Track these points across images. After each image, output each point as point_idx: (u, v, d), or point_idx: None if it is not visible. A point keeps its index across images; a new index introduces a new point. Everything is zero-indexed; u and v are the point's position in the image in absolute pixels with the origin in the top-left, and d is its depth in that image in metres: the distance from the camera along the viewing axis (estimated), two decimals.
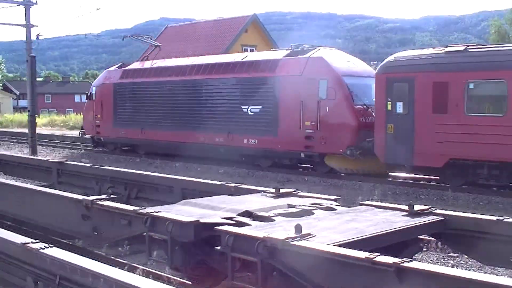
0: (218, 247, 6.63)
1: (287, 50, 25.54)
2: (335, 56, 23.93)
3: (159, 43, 35.66)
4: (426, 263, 6.87)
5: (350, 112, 22.05)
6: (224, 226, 6.78)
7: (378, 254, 5.62)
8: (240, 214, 7.62)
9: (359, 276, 5.66)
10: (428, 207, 8.05)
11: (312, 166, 24.46)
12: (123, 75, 32.26)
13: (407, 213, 7.82)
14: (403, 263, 5.37)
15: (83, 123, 36.76)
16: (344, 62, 23.79)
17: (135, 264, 9.53)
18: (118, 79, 32.46)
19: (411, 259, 5.54)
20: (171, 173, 16.65)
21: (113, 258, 9.97)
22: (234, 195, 9.32)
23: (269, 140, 24.14)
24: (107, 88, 32.89)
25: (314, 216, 7.71)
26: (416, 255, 8.41)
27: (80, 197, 9.40)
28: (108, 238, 9.13)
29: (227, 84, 26.24)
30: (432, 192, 19.12)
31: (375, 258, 5.52)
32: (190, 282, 8.28)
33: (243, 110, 25.26)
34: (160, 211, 7.68)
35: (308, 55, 23.72)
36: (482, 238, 7.54)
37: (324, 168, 23.21)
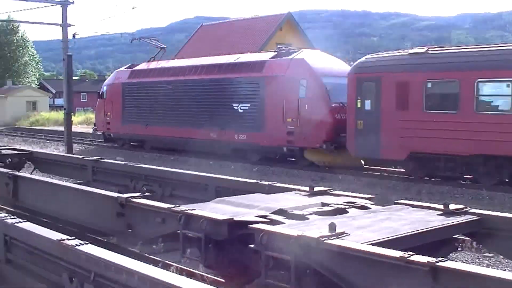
0: (251, 245, 6.62)
1: (274, 52, 27.75)
2: (316, 58, 26.02)
3: (195, 42, 36.13)
4: (461, 263, 6.78)
5: (326, 110, 23.93)
6: (258, 224, 6.77)
7: (413, 253, 5.56)
8: (274, 213, 7.60)
9: (393, 275, 5.61)
10: (463, 206, 7.95)
11: (294, 160, 26.00)
12: (130, 75, 34.63)
13: (442, 212, 7.74)
14: (437, 262, 5.31)
15: (95, 120, 39.01)
16: (325, 63, 25.75)
17: (169, 262, 9.56)
18: (126, 79, 34.79)
19: (445, 259, 5.47)
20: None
21: (147, 255, 10.00)
22: (268, 194, 9.31)
23: (256, 136, 26.22)
24: (116, 88, 35.42)
25: (349, 215, 7.66)
26: (451, 254, 8.32)
27: (115, 194, 9.46)
28: (142, 236, 9.17)
29: (221, 84, 28.19)
30: (467, 191, 18.96)
31: (409, 257, 5.46)
32: (223, 280, 8.29)
33: (234, 107, 27.39)
34: (194, 209, 7.69)
35: (291, 56, 25.84)
36: None
37: (304, 161, 24.97)
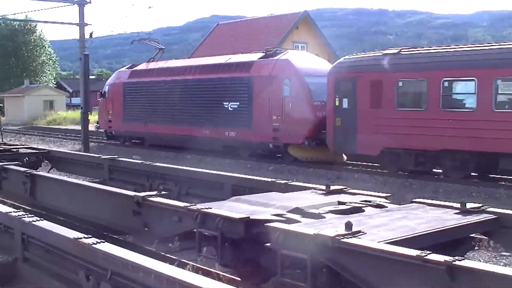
0: (268, 244, 6.62)
1: (262, 52, 28.89)
2: (300, 58, 27.39)
3: (211, 40, 36.34)
4: (478, 262, 6.75)
5: (308, 108, 25.30)
6: (274, 223, 6.76)
7: (430, 252, 5.53)
8: (290, 211, 7.59)
9: (409, 274, 5.59)
10: (480, 205, 7.91)
11: (280, 156, 27.26)
12: (130, 75, 36.19)
13: (459, 211, 7.69)
14: (454, 261, 5.28)
15: (98, 119, 40.91)
16: (308, 63, 26.99)
17: (185, 260, 9.59)
18: (127, 79, 36.38)
19: (463, 258, 5.45)
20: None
21: (163, 254, 10.04)
22: (284, 192, 9.30)
23: (245, 133, 27.64)
24: (117, 87, 36.93)
25: (365, 214, 7.64)
26: (468, 254, 8.28)
27: (131, 193, 9.48)
28: (158, 234, 9.19)
29: (213, 83, 29.60)
30: (484, 190, 18.86)
31: (426, 256, 5.43)
32: (239, 279, 8.30)
33: (225, 106, 28.84)
34: (211, 208, 7.70)
35: (277, 57, 27.19)
36: None
37: (289, 157, 26.17)
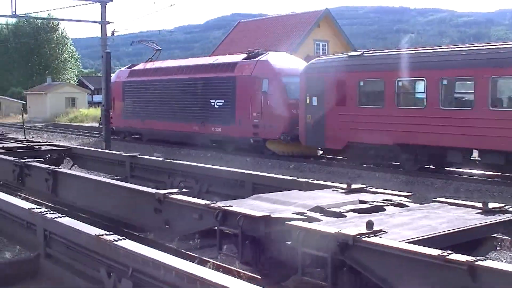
0: (288, 242, 6.62)
1: (245, 53, 30.62)
2: (279, 59, 29.03)
3: (232, 38, 36.49)
4: (500, 262, 6.70)
5: (284, 105, 27.04)
6: (295, 221, 6.76)
7: (451, 252, 5.51)
8: (311, 210, 7.58)
9: (431, 274, 5.57)
10: (503, 204, 7.86)
11: (261, 150, 28.57)
12: (130, 74, 38.06)
13: (481, 210, 7.65)
14: (476, 261, 5.26)
15: (101, 116, 41.66)
16: (286, 64, 28.67)
17: (205, 258, 9.60)
18: (126, 78, 38.31)
19: (485, 258, 5.42)
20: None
21: (183, 251, 10.05)
22: (305, 191, 9.29)
23: (229, 128, 29.50)
24: (117, 86, 38.21)
25: (386, 213, 7.61)
26: (490, 254, 8.23)
27: (153, 190, 9.52)
28: (179, 232, 9.22)
29: (201, 82, 31.55)
30: (506, 189, 18.70)
31: (448, 256, 5.42)
32: (259, 277, 8.29)
33: (211, 103, 30.72)
34: (231, 206, 7.72)
35: (258, 58, 28.94)
36: None
37: (268, 151, 27.95)
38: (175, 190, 9.38)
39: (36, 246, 8.04)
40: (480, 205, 7.78)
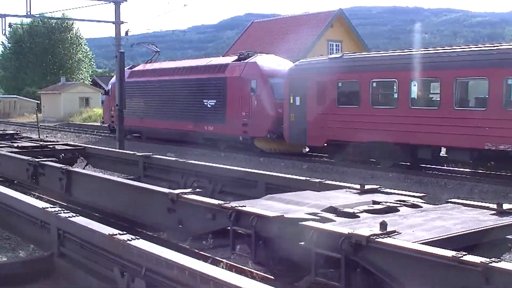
0: (302, 243, 6.61)
1: (236, 56, 32.37)
2: (267, 61, 30.36)
3: (245, 38, 36.87)
4: None
5: (270, 105, 28.53)
6: (308, 222, 6.74)
7: (465, 253, 5.48)
8: (324, 210, 7.57)
9: (445, 275, 5.54)
10: None
11: (248, 148, 29.97)
12: (129, 75, 38.63)
13: (495, 212, 7.60)
14: (491, 263, 5.22)
15: (103, 114, 46.20)
16: (274, 65, 30.05)
17: (218, 258, 9.59)
18: (126, 78, 37.78)
19: (499, 259, 5.38)
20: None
21: (196, 251, 10.05)
22: (318, 191, 9.27)
23: (220, 127, 31.14)
24: None
25: (400, 213, 7.58)
26: (504, 255, 8.18)
27: (166, 190, 9.52)
28: (192, 231, 9.22)
29: (195, 83, 33.24)
30: None
31: (462, 257, 5.39)
32: (272, 277, 8.28)
33: (204, 103, 32.45)
34: (245, 206, 7.71)
35: (247, 60, 30.51)
36: None
37: (255, 149, 29.27)
38: (189, 190, 9.39)
39: (50, 245, 8.05)
40: (495, 206, 7.72)
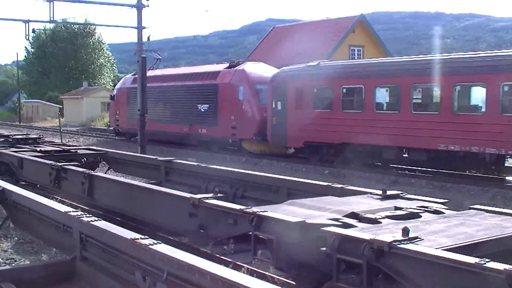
0: (323, 248, 6.59)
1: (227, 63, 34.89)
2: (255, 69, 32.65)
3: (267, 44, 37.06)
4: None
5: (256, 109, 30.80)
6: (330, 227, 6.73)
7: (488, 260, 5.44)
8: (346, 216, 7.54)
9: (467, 282, 5.50)
10: None
11: (237, 149, 32.14)
12: (133, 81, 40.33)
13: None
14: None
15: (109, 118, 49.04)
16: (261, 72, 32.22)
17: (239, 263, 9.59)
18: (130, 84, 42.10)
19: None
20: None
21: (218, 256, 10.05)
22: (340, 196, 9.25)
23: (213, 130, 33.44)
24: (123, 91, 43.69)
25: (422, 219, 7.53)
26: None
27: (188, 195, 9.55)
28: (213, 236, 9.23)
29: (190, 88, 35.70)
30: None
31: (485, 264, 5.34)
32: (294, 283, 8.27)
33: (198, 107, 34.85)
34: (266, 211, 7.70)
35: (236, 68, 32.81)
36: None
37: (243, 150, 31.40)
38: (210, 195, 9.40)
39: (72, 248, 8.10)
40: None
